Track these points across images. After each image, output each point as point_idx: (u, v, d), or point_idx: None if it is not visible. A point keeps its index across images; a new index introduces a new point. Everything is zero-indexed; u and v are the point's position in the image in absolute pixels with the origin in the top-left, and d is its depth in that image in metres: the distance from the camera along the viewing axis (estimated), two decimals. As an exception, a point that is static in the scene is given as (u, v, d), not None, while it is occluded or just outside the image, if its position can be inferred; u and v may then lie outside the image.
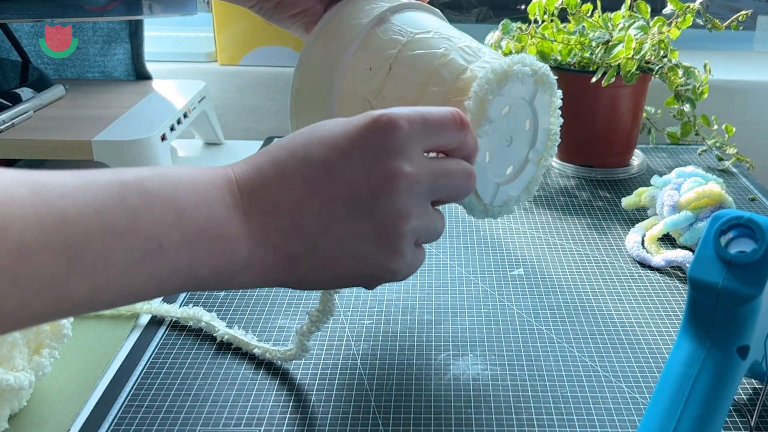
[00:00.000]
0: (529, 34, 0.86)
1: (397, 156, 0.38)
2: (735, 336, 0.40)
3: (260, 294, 0.62)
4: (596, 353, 0.54)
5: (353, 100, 0.49)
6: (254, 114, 1.16)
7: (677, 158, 0.94)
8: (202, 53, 1.17)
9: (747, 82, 1.09)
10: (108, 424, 0.47)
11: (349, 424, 0.47)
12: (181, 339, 0.56)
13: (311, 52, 0.51)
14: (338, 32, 0.50)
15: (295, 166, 0.38)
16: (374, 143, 0.38)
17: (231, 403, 0.49)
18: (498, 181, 0.51)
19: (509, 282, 0.64)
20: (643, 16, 0.82)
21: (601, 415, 0.48)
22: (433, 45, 0.48)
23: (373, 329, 0.57)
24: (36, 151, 0.79)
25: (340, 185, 0.38)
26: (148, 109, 0.89)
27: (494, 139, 0.48)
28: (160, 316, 0.59)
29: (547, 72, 0.49)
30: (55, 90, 0.91)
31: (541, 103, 0.51)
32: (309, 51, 0.51)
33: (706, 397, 0.39)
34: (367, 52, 0.49)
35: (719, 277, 0.40)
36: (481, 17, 1.35)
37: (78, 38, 1.01)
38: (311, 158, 0.38)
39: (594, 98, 0.84)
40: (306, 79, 0.51)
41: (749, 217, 0.40)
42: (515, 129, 0.50)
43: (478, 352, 0.54)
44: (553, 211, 0.78)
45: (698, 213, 0.68)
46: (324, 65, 0.50)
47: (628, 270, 0.66)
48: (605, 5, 0.86)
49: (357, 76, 0.49)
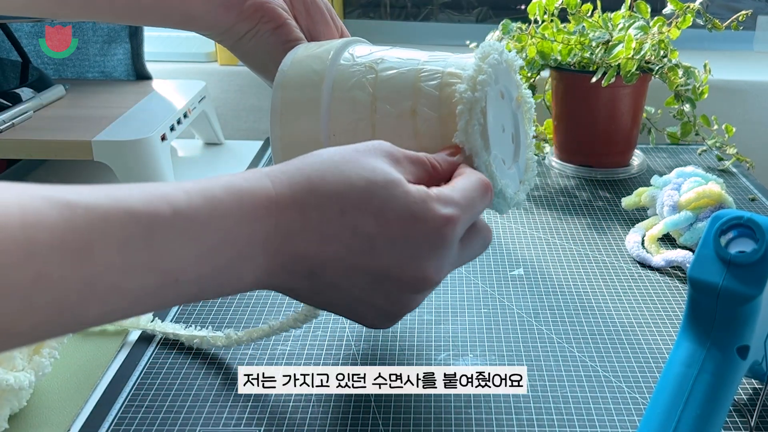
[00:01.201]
0: (529, 34, 0.86)
1: (440, 257, 0.39)
2: (735, 336, 0.40)
3: (253, 296, 0.62)
4: (596, 353, 0.54)
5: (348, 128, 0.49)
6: (254, 114, 1.16)
7: (677, 158, 0.94)
8: (202, 53, 1.17)
9: (747, 82, 1.09)
10: (108, 424, 0.47)
11: (349, 424, 0.47)
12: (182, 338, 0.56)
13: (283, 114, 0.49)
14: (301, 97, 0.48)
15: (339, 230, 0.37)
16: (424, 239, 0.38)
17: (231, 403, 0.49)
18: (509, 171, 0.51)
19: (509, 282, 0.64)
20: (643, 16, 0.82)
21: (601, 415, 0.48)
22: (402, 67, 0.48)
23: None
24: (36, 151, 0.79)
25: (376, 262, 0.38)
26: (148, 109, 0.89)
27: (495, 134, 0.48)
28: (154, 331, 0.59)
29: (508, 53, 0.50)
30: (55, 90, 0.91)
31: (510, 82, 0.51)
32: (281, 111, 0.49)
33: (706, 397, 0.39)
34: (342, 104, 0.48)
35: (719, 277, 0.40)
36: (481, 17, 1.35)
37: (78, 38, 1.01)
38: (359, 230, 0.37)
39: (594, 98, 0.84)
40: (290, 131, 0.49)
41: (749, 217, 0.40)
42: (503, 115, 0.51)
43: (478, 352, 0.54)
44: (553, 211, 0.78)
45: (698, 213, 0.68)
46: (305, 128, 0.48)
47: (628, 270, 0.66)
48: (605, 5, 0.86)
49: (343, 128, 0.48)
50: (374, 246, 0.37)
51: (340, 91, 0.48)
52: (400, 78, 0.47)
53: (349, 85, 0.48)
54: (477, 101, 0.45)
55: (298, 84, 0.49)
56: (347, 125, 0.48)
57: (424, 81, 0.47)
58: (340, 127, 0.48)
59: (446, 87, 0.46)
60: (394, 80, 0.47)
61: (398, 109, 0.47)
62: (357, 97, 0.47)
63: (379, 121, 0.47)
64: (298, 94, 0.48)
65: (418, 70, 0.48)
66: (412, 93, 0.47)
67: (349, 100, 0.48)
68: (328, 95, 0.48)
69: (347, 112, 0.48)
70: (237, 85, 1.14)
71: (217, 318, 0.59)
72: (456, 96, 0.45)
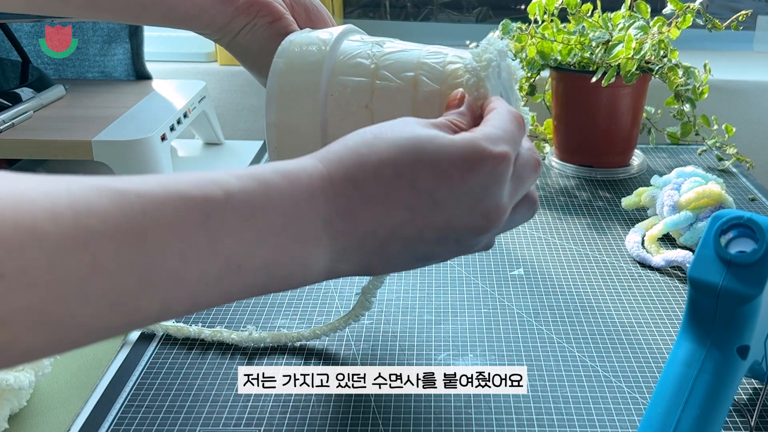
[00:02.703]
0: (529, 34, 0.86)
1: (500, 191, 0.39)
2: (735, 336, 0.40)
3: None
4: (596, 353, 0.54)
5: (346, 116, 0.48)
6: (254, 114, 1.16)
7: (677, 158, 0.94)
8: (202, 53, 1.17)
9: (747, 82, 1.09)
10: (108, 424, 0.47)
11: (349, 424, 0.47)
12: (182, 338, 0.56)
13: (283, 83, 0.49)
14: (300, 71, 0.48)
15: (400, 193, 0.36)
16: (482, 180, 0.38)
17: (231, 403, 0.49)
18: None
19: (509, 282, 0.64)
20: (643, 16, 0.82)
21: (601, 415, 0.48)
22: (406, 50, 0.48)
23: (373, 329, 0.57)
24: (36, 151, 0.79)
25: (441, 216, 0.38)
26: (148, 109, 0.89)
27: None
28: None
29: (500, 43, 0.49)
30: (55, 90, 0.91)
31: (504, 70, 0.51)
32: (281, 83, 0.49)
33: (706, 397, 0.39)
34: (347, 68, 0.48)
35: (719, 277, 0.40)
36: (481, 17, 1.35)
37: (78, 38, 1.01)
38: (419, 187, 0.37)
39: (594, 98, 0.84)
40: (286, 109, 0.49)
41: (749, 217, 0.40)
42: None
43: (478, 352, 0.54)
44: (553, 211, 0.78)
45: (698, 213, 0.68)
46: (304, 99, 0.48)
47: (628, 270, 0.66)
48: (605, 5, 0.86)
49: (340, 99, 0.48)
50: (435, 200, 0.37)
51: (344, 59, 0.48)
52: (404, 54, 0.48)
53: (353, 54, 0.48)
54: (485, 67, 0.44)
55: (299, 57, 0.48)
56: (347, 89, 0.47)
57: (427, 58, 0.47)
58: (338, 89, 0.47)
59: (450, 64, 0.47)
60: (398, 54, 0.47)
61: (400, 78, 0.47)
62: (361, 63, 0.47)
63: (379, 89, 0.47)
64: (301, 59, 0.48)
65: (421, 50, 0.48)
66: (416, 66, 0.47)
67: (352, 66, 0.47)
68: (329, 70, 0.47)
69: (349, 76, 0.47)
70: (237, 85, 1.14)
71: (224, 316, 0.59)
72: (461, 69, 0.45)
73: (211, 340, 0.56)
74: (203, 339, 0.56)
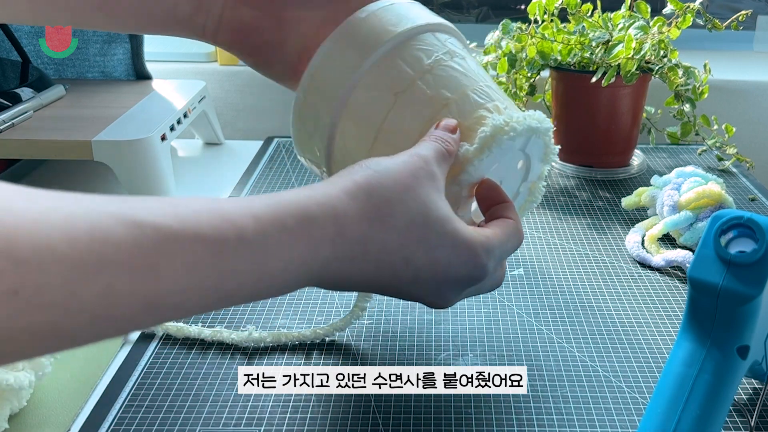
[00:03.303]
0: (529, 34, 0.86)
1: (465, 294, 0.45)
2: (735, 336, 0.40)
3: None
4: (596, 353, 0.54)
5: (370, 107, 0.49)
6: (254, 114, 1.16)
7: (677, 158, 0.94)
8: (202, 53, 1.17)
9: (747, 82, 1.09)
10: (108, 424, 0.47)
11: (349, 424, 0.47)
12: (182, 338, 0.56)
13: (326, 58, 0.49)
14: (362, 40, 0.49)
15: (395, 261, 0.40)
16: (459, 282, 0.43)
17: (231, 403, 0.49)
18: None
19: (509, 282, 0.64)
20: (643, 16, 0.82)
21: (601, 415, 0.48)
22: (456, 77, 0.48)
23: (373, 329, 0.57)
24: (36, 151, 0.79)
25: (415, 289, 0.42)
26: (148, 109, 0.89)
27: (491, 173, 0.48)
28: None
29: (548, 127, 0.49)
30: (55, 90, 0.91)
31: (536, 146, 0.51)
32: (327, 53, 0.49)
33: (706, 397, 0.39)
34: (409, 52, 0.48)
35: (719, 277, 0.40)
36: (481, 17, 1.35)
37: (78, 38, 1.01)
38: (411, 262, 0.40)
39: (594, 98, 0.84)
40: (318, 81, 0.49)
41: (749, 217, 0.40)
42: (508, 174, 0.51)
43: (478, 352, 0.54)
44: (553, 211, 0.78)
45: (698, 213, 0.68)
46: (339, 73, 0.49)
47: (628, 270, 0.66)
48: (605, 5, 0.86)
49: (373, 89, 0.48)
50: (418, 277, 0.41)
51: (413, 44, 0.48)
52: (459, 76, 0.48)
53: (421, 48, 0.48)
54: (502, 132, 0.45)
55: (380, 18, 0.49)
56: (393, 70, 0.48)
57: (474, 91, 0.47)
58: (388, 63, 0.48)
59: (482, 110, 0.47)
60: (453, 73, 0.48)
61: (438, 92, 0.47)
62: (420, 58, 0.48)
63: (416, 87, 0.47)
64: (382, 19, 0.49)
65: (478, 82, 0.48)
66: (459, 92, 0.47)
67: (413, 55, 0.48)
68: (394, 44, 0.48)
69: (404, 61, 0.48)
70: (237, 85, 1.14)
71: (222, 317, 0.59)
72: (488, 121, 0.45)
73: (211, 340, 0.56)
74: (203, 339, 0.56)
